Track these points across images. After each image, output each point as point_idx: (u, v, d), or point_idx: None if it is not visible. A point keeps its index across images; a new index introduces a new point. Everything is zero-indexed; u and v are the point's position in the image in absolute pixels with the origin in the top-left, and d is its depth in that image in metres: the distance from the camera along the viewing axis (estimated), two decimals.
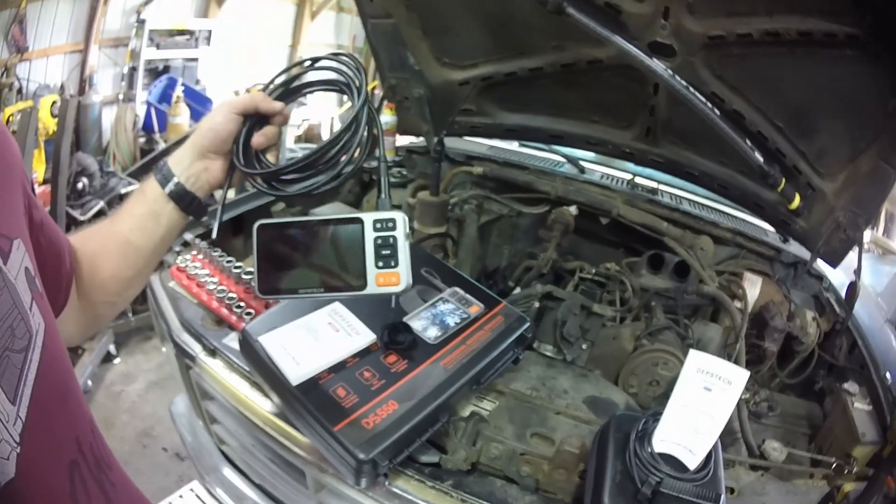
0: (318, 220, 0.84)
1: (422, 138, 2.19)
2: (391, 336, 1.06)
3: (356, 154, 0.88)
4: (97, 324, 0.93)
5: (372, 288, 0.81)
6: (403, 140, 2.35)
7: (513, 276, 1.90)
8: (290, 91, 0.95)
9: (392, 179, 2.05)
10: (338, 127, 0.97)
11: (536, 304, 1.58)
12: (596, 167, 2.32)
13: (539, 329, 1.57)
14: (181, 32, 7.36)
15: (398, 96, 2.03)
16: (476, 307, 1.18)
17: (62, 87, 6.19)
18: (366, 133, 0.88)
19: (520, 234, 2.07)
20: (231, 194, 1.37)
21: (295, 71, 0.98)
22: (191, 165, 0.90)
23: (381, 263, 0.81)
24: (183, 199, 0.89)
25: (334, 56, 0.93)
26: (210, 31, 7.47)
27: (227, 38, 8.01)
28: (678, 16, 1.27)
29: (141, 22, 7.15)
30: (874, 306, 3.21)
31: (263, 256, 0.85)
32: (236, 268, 1.46)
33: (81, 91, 6.85)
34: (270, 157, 0.91)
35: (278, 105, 0.90)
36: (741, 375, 0.87)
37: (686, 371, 0.89)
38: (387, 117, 2.18)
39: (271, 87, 0.94)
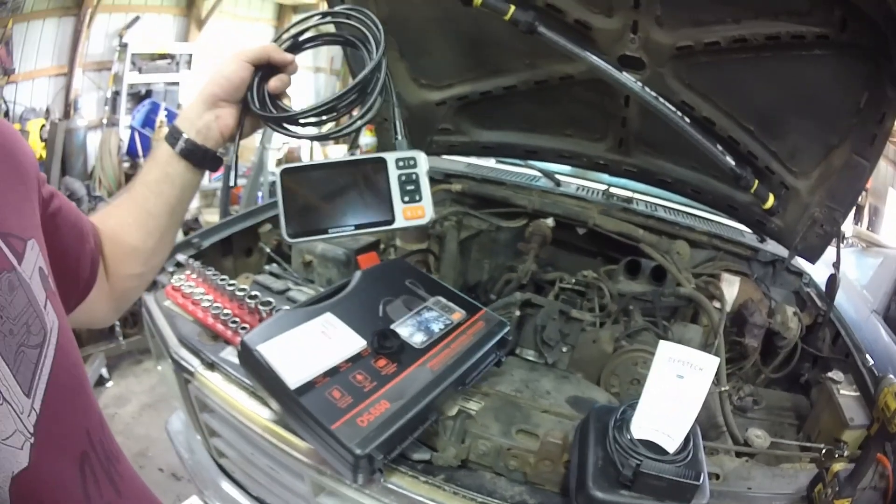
0: (343, 161, 0.93)
1: None
2: (380, 342, 1.15)
3: (373, 102, 0.94)
4: (127, 299, 0.96)
5: (400, 222, 0.90)
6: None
7: (494, 289, 1.98)
8: (300, 43, 1.00)
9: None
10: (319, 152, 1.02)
11: (517, 312, 1.66)
12: (571, 180, 2.41)
13: (520, 335, 1.66)
14: (162, 56, 7.43)
15: (378, 117, 2.09)
16: (458, 314, 1.27)
17: (48, 110, 6.23)
18: (383, 80, 0.94)
19: (499, 248, 2.15)
20: (217, 217, 1.42)
21: (306, 23, 1.01)
22: (201, 117, 0.91)
23: (406, 198, 0.90)
24: (194, 154, 0.90)
25: (347, 10, 0.98)
26: (190, 55, 7.55)
27: (207, 62, 8.07)
28: (647, 29, 1.34)
29: (123, 45, 7.18)
30: (859, 298, 3.32)
31: (289, 200, 0.91)
32: (230, 285, 1.54)
33: (67, 115, 6.84)
34: (285, 102, 0.95)
35: (289, 56, 0.94)
36: (711, 361, 0.94)
37: (658, 360, 0.97)
38: (367, 138, 2.26)
39: (282, 38, 0.98)
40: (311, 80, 9.29)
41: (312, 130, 0.98)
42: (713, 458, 1.17)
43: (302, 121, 0.95)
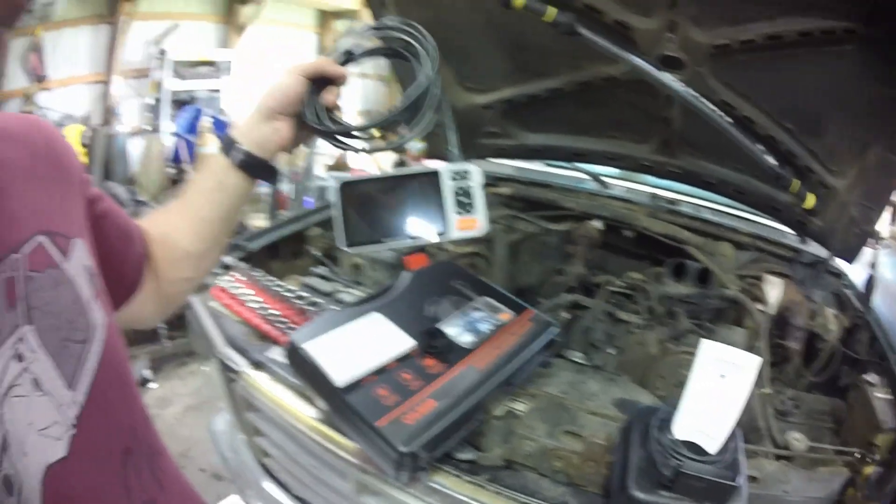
0: (398, 174, 0.97)
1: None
2: (428, 341, 1.17)
3: (427, 117, 0.96)
4: (175, 301, 0.99)
5: (453, 233, 0.93)
6: (433, 165, 2.44)
7: (543, 291, 1.99)
8: (352, 56, 1.02)
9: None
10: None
11: (565, 314, 1.67)
12: (618, 182, 2.41)
13: (568, 337, 1.66)
14: (204, 63, 7.57)
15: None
16: (506, 314, 1.29)
17: (87, 117, 6.42)
18: (437, 95, 0.97)
19: (548, 250, 2.15)
20: (263, 222, 1.45)
21: (356, 38, 1.04)
22: (257, 129, 0.94)
23: (460, 210, 0.93)
24: (250, 165, 0.93)
25: (396, 24, 1.01)
26: (230, 62, 7.74)
27: (249, 69, 8.14)
28: (684, 28, 1.35)
29: (162, 53, 7.38)
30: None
31: (347, 212, 0.95)
32: (277, 286, 1.57)
33: (106, 121, 7.05)
34: (338, 114, 0.97)
35: (342, 69, 0.96)
36: (753, 361, 0.93)
37: (700, 360, 0.97)
38: (416, 143, 2.29)
39: (335, 53, 1.00)
40: (360, 85, 9.36)
41: (364, 143, 1.01)
42: (753, 461, 1.16)
43: (355, 134, 0.98)
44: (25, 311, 0.58)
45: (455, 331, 1.21)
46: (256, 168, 0.93)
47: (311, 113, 0.94)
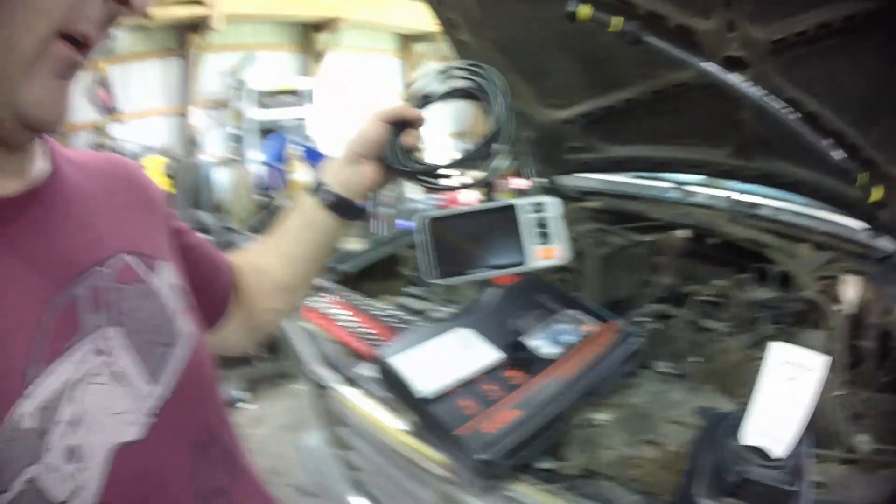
0: (479, 208, 1.03)
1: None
2: (512, 353, 1.25)
3: (501, 154, 1.02)
4: (265, 329, 1.08)
5: (532, 263, 0.98)
6: (520, 183, 2.54)
7: (633, 303, 2.02)
8: (429, 100, 1.09)
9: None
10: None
11: (652, 324, 1.71)
12: (699, 189, 2.42)
13: (654, 347, 1.70)
14: (285, 92, 7.85)
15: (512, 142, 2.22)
16: (590, 325, 1.36)
17: (167, 148, 6.75)
18: (510, 133, 1.02)
19: (637, 262, 2.16)
20: (355, 245, 1.56)
21: (432, 80, 1.10)
22: (344, 172, 1.00)
23: (537, 240, 0.98)
24: (338, 205, 0.99)
25: (466, 66, 1.07)
26: (312, 91, 7.96)
27: (332, 95, 8.38)
28: (743, 26, 1.36)
29: (240, 83, 7.73)
30: None
31: (432, 245, 1.02)
32: (370, 306, 1.69)
33: (188, 151, 7.44)
34: (419, 155, 1.04)
35: (419, 113, 1.03)
36: (821, 361, 0.95)
37: (768, 363, 0.99)
38: (501, 162, 2.36)
39: (411, 96, 1.07)
40: (451, 107, 9.51)
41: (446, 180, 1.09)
42: (821, 465, 1.15)
43: (436, 173, 1.06)
44: (110, 315, 0.65)
45: (539, 343, 1.29)
46: (344, 209, 1.01)
47: (393, 155, 1.02)
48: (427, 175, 1.04)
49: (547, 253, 0.98)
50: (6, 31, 0.54)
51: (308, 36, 8.67)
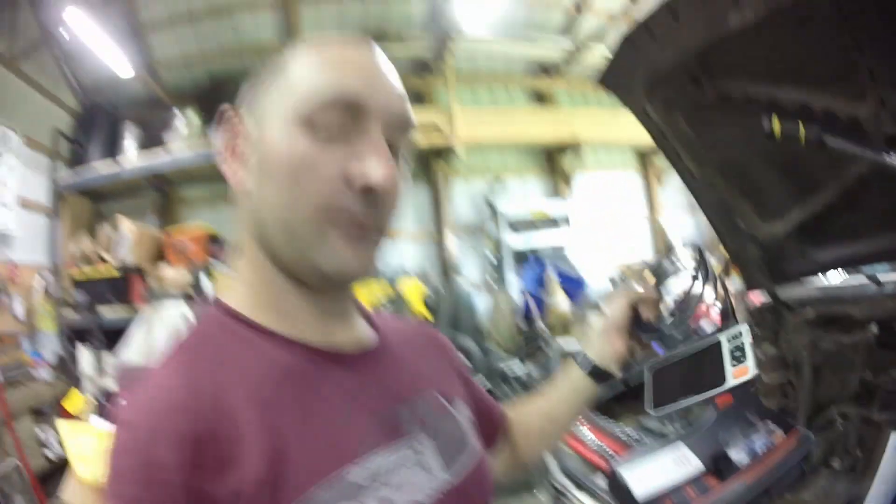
0: (691, 352, 1.39)
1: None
2: (712, 463, 1.55)
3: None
4: (526, 465, 1.32)
5: (730, 382, 1.30)
6: (754, 298, 2.69)
7: (835, 404, 2.10)
8: (661, 282, 1.45)
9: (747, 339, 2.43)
10: None
11: (840, 423, 1.81)
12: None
13: (830, 445, 1.77)
14: (537, 217, 8.32)
15: (739, 259, 2.43)
16: (778, 434, 1.61)
17: (423, 271, 7.46)
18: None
19: (845, 363, 2.15)
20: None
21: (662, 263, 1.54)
22: (599, 345, 1.29)
23: (734, 363, 1.31)
24: (594, 373, 1.28)
25: (691, 249, 1.48)
26: (566, 214, 8.34)
27: (585, 217, 8.75)
28: (891, 100, 1.45)
29: (494, 209, 8.30)
30: None
31: (651, 385, 1.40)
32: (612, 426, 2.06)
33: (444, 276, 8.01)
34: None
35: (655, 294, 1.36)
36: None
37: (887, 452, 1.19)
38: (734, 282, 2.61)
39: (643, 280, 1.48)
40: (689, 220, 9.65)
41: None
42: None
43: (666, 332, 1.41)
44: (423, 427, 0.88)
45: (736, 453, 1.58)
46: (598, 375, 1.33)
47: (636, 328, 1.35)
48: (661, 334, 1.39)
49: (741, 372, 1.31)
50: (291, 212, 0.78)
51: (552, 158, 9.24)
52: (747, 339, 1.32)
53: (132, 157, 8.20)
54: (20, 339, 6.77)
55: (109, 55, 7.18)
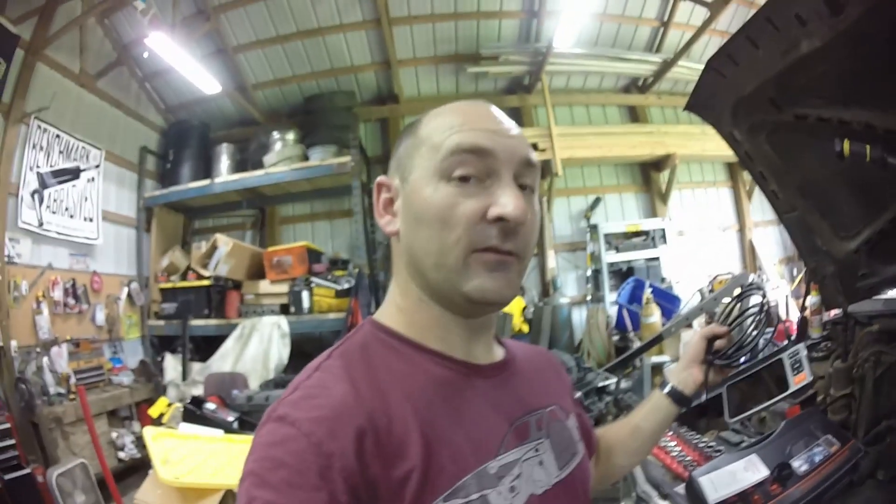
0: (759, 368, 1.76)
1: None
2: (777, 472, 1.84)
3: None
4: (609, 481, 1.61)
5: (792, 387, 1.68)
6: (829, 314, 2.91)
7: (890, 419, 2.20)
8: (731, 323, 1.80)
9: (817, 354, 2.64)
10: None
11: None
12: None
13: (881, 457, 1.97)
14: (636, 234, 8.64)
15: (818, 276, 2.64)
16: (835, 446, 1.86)
17: (522, 288, 7.75)
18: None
19: None
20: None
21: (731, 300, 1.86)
22: (681, 373, 1.64)
23: (794, 371, 1.69)
24: (676, 396, 1.60)
25: (745, 292, 1.81)
26: (663, 230, 8.64)
27: (680, 233, 9.11)
28: None
29: (592, 227, 8.67)
30: None
31: (730, 398, 1.76)
32: (695, 438, 2.36)
33: (545, 293, 8.52)
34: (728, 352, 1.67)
35: (726, 329, 1.71)
36: None
37: None
38: (813, 298, 2.84)
39: (719, 320, 1.79)
40: (776, 232, 9.76)
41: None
42: None
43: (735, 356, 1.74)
44: (546, 433, 1.10)
45: (798, 462, 1.85)
46: (678, 398, 1.61)
47: (711, 357, 1.70)
48: (732, 361, 1.73)
49: (801, 378, 1.71)
50: (441, 249, 0.98)
51: (647, 174, 9.61)
52: (804, 353, 1.69)
53: (225, 174, 8.85)
54: (101, 345, 7.46)
55: (196, 75, 7.75)
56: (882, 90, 1.67)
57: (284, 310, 8.01)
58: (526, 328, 7.51)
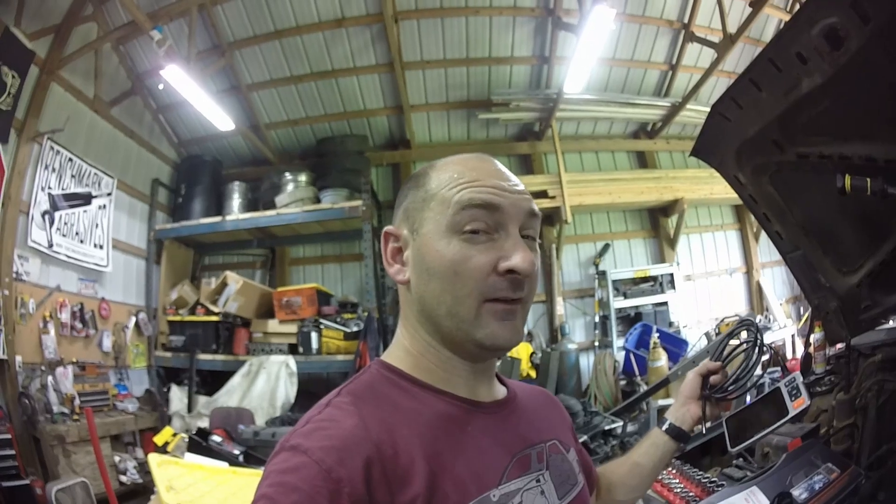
0: (758, 400, 1.80)
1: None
2: (777, 501, 1.89)
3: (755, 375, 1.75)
4: None
5: (791, 412, 1.71)
6: (833, 349, 2.87)
7: (890, 443, 2.21)
8: (723, 357, 1.84)
9: (821, 388, 2.66)
10: None
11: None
12: None
13: (880, 479, 1.99)
14: (644, 279, 8.67)
15: (822, 313, 2.67)
16: (835, 472, 1.89)
17: (531, 332, 7.91)
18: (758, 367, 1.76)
19: None
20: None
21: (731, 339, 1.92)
22: (678, 410, 1.67)
23: (792, 398, 1.73)
24: (673, 432, 1.63)
25: (736, 328, 1.89)
26: (671, 275, 8.66)
27: (688, 277, 9.13)
28: None
29: (601, 273, 8.71)
30: None
31: (730, 429, 1.79)
32: (697, 475, 2.40)
33: (553, 339, 8.50)
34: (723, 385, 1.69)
35: (720, 365, 1.75)
36: None
37: None
38: (817, 334, 2.89)
39: (711, 355, 1.84)
40: (781, 273, 9.83)
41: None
42: None
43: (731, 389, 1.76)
44: (546, 465, 1.15)
45: (799, 491, 1.89)
46: (677, 435, 1.64)
47: (707, 391, 1.73)
48: (727, 394, 1.77)
49: (799, 403, 1.73)
50: (453, 299, 1.05)
51: (656, 220, 9.68)
52: (800, 380, 1.74)
53: (237, 212, 8.95)
54: (107, 371, 7.45)
55: (210, 110, 7.84)
56: (882, 119, 1.74)
57: (293, 349, 8.09)
58: (534, 373, 7.51)
